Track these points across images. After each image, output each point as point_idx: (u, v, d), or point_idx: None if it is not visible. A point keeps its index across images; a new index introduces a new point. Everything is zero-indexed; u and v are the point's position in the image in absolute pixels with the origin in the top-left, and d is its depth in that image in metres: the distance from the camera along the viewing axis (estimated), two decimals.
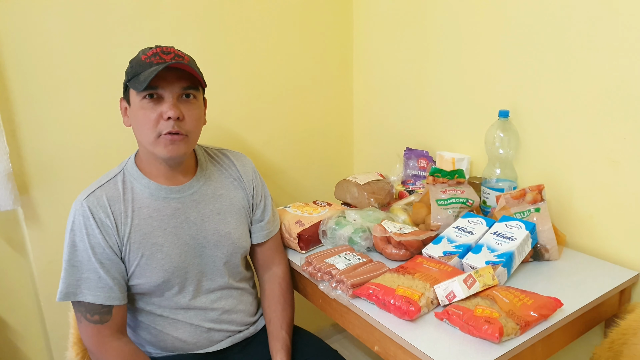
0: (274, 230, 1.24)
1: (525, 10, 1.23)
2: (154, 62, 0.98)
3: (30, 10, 1.21)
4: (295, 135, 1.75)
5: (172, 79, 0.99)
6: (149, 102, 0.99)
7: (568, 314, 0.95)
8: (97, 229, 1.00)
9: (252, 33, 1.56)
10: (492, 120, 1.29)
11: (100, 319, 1.00)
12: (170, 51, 1.01)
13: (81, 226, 1.00)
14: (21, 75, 1.23)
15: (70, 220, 1.01)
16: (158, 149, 1.01)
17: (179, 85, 1.00)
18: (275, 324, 1.16)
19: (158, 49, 1.00)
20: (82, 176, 1.33)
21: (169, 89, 0.99)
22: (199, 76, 1.00)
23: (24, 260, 1.35)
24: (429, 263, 1.07)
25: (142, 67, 0.98)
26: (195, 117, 1.04)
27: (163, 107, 0.99)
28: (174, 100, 0.99)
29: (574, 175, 1.21)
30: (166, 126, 0.99)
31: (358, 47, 1.79)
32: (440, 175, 1.29)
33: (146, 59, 0.99)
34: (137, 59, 1.01)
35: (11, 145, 1.23)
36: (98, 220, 1.00)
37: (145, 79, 0.95)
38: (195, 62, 1.06)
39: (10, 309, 1.36)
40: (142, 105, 0.99)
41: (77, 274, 0.99)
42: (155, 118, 0.99)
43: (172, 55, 1.00)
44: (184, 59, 1.01)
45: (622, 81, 1.08)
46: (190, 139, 1.04)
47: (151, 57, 0.99)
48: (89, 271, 0.99)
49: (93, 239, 1.00)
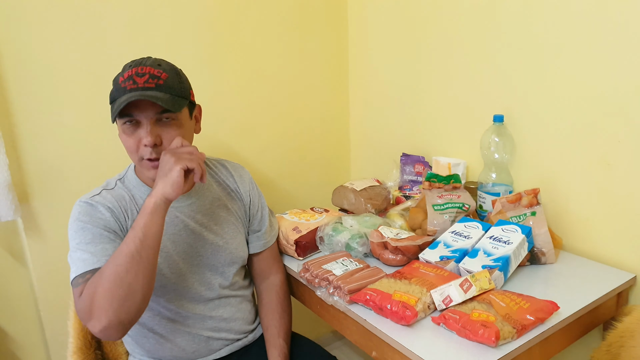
0: (270, 240, 1.25)
1: (518, 15, 1.24)
2: (127, 89, 0.95)
3: (29, 22, 1.22)
4: (292, 142, 1.76)
5: (145, 105, 0.96)
6: (129, 127, 0.99)
7: (565, 317, 0.95)
8: (106, 212, 1.00)
9: (247, 41, 1.57)
10: (487, 125, 1.30)
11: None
12: (145, 72, 0.96)
13: (87, 211, 0.99)
14: (21, 87, 1.24)
15: (74, 213, 1.00)
16: (144, 170, 1.03)
17: (152, 110, 0.97)
18: (272, 332, 1.16)
19: (133, 70, 0.97)
20: (81, 186, 1.34)
21: (144, 114, 0.97)
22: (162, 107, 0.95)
23: (23, 269, 1.36)
24: (425, 268, 1.07)
25: (118, 93, 0.96)
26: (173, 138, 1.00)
27: (141, 132, 0.98)
28: (151, 126, 0.97)
29: (569, 178, 1.22)
30: (145, 152, 0.99)
31: (353, 54, 1.81)
32: (436, 180, 1.30)
33: (122, 82, 0.96)
34: (116, 80, 0.99)
35: (11, 156, 1.24)
36: (105, 208, 1.01)
37: (117, 108, 0.94)
38: (179, 74, 1.02)
39: (10, 318, 1.36)
40: (124, 129, 0.99)
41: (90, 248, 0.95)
42: (135, 143, 0.99)
43: (147, 77, 0.96)
44: (160, 79, 0.97)
45: (616, 84, 1.09)
46: None
47: (126, 80, 0.96)
48: (102, 242, 0.96)
49: (101, 216, 0.99)
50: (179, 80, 1.01)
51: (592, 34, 1.11)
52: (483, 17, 1.33)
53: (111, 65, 1.33)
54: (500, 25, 1.29)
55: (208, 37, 1.49)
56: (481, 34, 1.34)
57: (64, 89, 1.29)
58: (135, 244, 0.88)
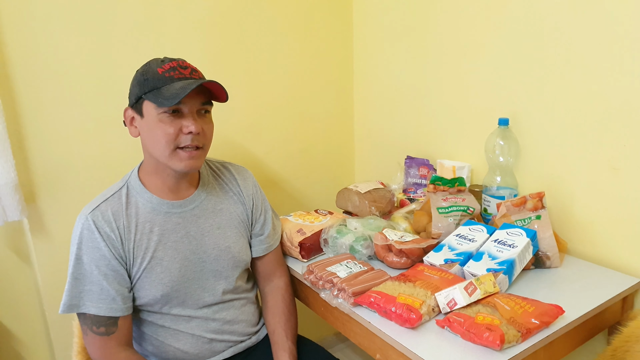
0: (274, 244, 1.25)
1: (525, 19, 1.24)
2: (174, 77, 0.98)
3: (37, 23, 1.23)
4: (297, 145, 1.76)
5: (192, 94, 0.99)
6: (168, 117, 0.99)
7: (570, 321, 0.95)
8: (102, 242, 1.00)
9: (253, 43, 1.58)
10: (492, 129, 1.29)
11: (106, 331, 1.01)
12: (186, 65, 1.01)
13: (86, 239, 1.00)
14: (28, 87, 1.25)
15: (75, 234, 1.02)
16: (173, 162, 1.01)
17: (198, 100, 1.01)
18: (280, 334, 1.16)
19: (174, 62, 1.00)
20: (87, 187, 1.35)
21: (190, 103, 1.00)
22: (225, 93, 1.02)
23: (29, 270, 1.36)
24: (430, 271, 1.07)
25: (162, 81, 0.98)
26: (211, 130, 1.07)
27: (184, 121, 1.00)
28: (195, 114, 1.01)
29: (574, 182, 1.21)
30: (185, 140, 1.00)
31: (358, 57, 1.81)
32: (441, 183, 1.30)
33: (164, 72, 0.98)
34: (151, 71, 1.00)
35: (18, 156, 1.25)
36: (103, 234, 1.01)
37: (174, 95, 0.95)
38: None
39: (15, 318, 1.37)
40: (161, 118, 0.99)
41: (80, 286, 1.00)
42: (174, 132, 0.99)
43: (189, 69, 1.01)
44: (198, 72, 1.03)
45: (622, 88, 1.09)
46: (205, 152, 1.06)
47: (169, 71, 0.98)
48: (91, 283, 1.00)
49: (98, 251, 1.00)
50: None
51: (597, 38, 1.11)
52: (489, 20, 1.33)
53: (118, 66, 1.34)
54: (507, 29, 1.29)
55: (214, 39, 1.50)
56: (487, 37, 1.34)
57: (70, 89, 1.30)
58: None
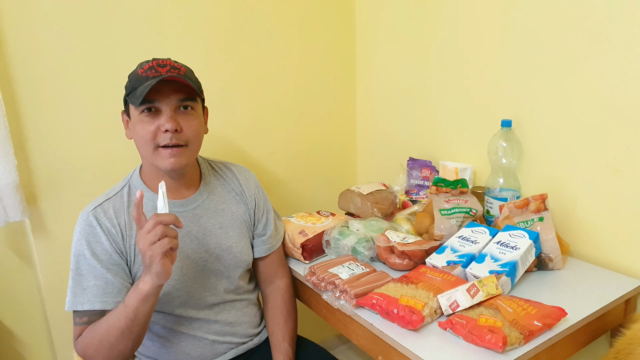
0: (276, 244, 1.25)
1: (528, 20, 1.24)
2: (149, 76, 0.98)
3: (39, 23, 1.23)
4: (299, 146, 1.76)
5: (168, 91, 1.00)
6: (146, 116, 1.00)
7: (572, 323, 0.94)
8: (104, 236, 1.01)
9: (255, 44, 1.58)
10: (495, 130, 1.29)
11: (88, 320, 0.99)
12: (166, 63, 1.01)
13: (87, 234, 1.01)
14: (30, 88, 1.25)
15: (77, 231, 1.02)
16: (157, 160, 1.02)
17: (175, 97, 1.01)
18: (277, 336, 1.16)
19: (154, 62, 1.01)
20: (89, 187, 1.35)
21: (166, 101, 1.00)
22: (193, 87, 1.00)
23: (30, 270, 1.36)
24: (432, 273, 1.07)
25: (139, 81, 0.99)
26: (194, 127, 1.04)
27: (161, 119, 1.00)
28: (171, 112, 1.01)
29: (577, 184, 1.21)
30: (164, 138, 1.00)
31: (361, 58, 1.81)
32: (443, 185, 1.30)
33: (142, 72, 1.00)
34: (134, 73, 1.02)
35: (19, 157, 1.25)
36: (105, 228, 1.01)
37: (141, 93, 0.96)
38: (193, 73, 1.07)
39: (17, 319, 1.37)
40: (141, 118, 1.01)
41: (83, 283, 1.00)
42: (153, 130, 1.00)
43: (168, 67, 1.00)
44: (180, 71, 1.02)
45: (625, 90, 1.08)
46: (190, 149, 1.05)
47: (147, 70, 1.00)
48: (95, 278, 1.00)
49: (99, 246, 1.01)
50: (194, 75, 1.07)
51: (601, 40, 1.11)
52: (492, 22, 1.33)
53: (120, 67, 1.33)
54: (509, 30, 1.29)
55: (217, 40, 1.50)
56: (489, 38, 1.34)
57: (72, 90, 1.30)
58: (127, 322, 0.92)
